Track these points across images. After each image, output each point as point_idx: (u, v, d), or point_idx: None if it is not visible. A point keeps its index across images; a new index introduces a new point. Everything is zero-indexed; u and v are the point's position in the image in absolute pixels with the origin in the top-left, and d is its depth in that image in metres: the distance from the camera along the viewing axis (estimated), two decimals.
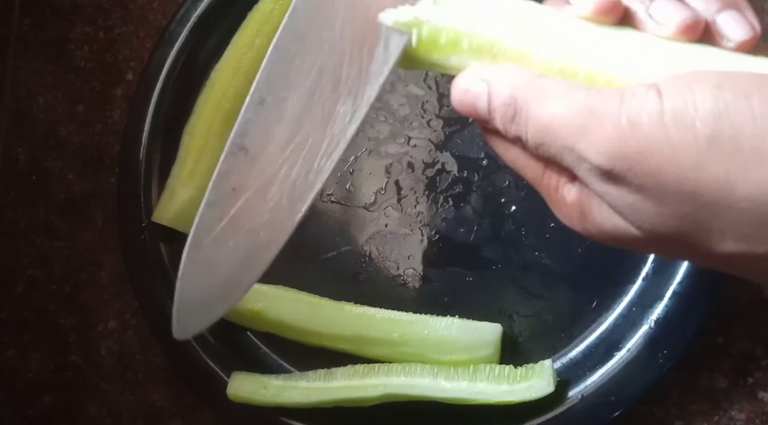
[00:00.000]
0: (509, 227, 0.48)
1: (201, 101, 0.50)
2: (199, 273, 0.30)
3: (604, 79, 0.29)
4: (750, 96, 0.25)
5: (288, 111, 0.30)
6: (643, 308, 0.46)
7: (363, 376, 0.46)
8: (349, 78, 0.30)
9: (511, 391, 0.44)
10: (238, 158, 0.30)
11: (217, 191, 0.30)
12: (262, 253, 0.30)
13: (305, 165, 0.30)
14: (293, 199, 0.30)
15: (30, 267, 0.53)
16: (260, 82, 0.30)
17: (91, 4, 0.54)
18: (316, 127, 0.30)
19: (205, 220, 0.30)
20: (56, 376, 0.52)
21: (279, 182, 0.30)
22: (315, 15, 0.30)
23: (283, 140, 0.30)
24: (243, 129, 0.30)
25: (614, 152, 0.27)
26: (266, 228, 0.30)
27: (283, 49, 0.30)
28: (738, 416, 0.47)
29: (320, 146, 0.30)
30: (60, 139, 0.54)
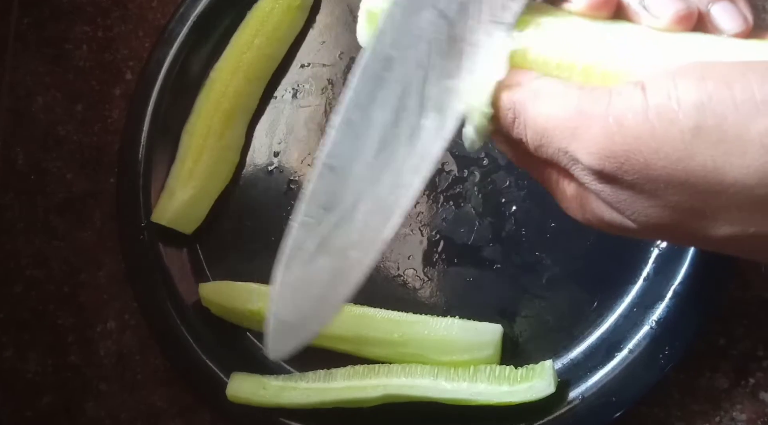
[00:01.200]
0: (509, 227, 0.48)
1: (200, 101, 0.50)
2: (292, 292, 0.30)
3: (600, 73, 0.30)
4: (732, 84, 0.25)
5: (374, 129, 0.30)
6: (644, 308, 0.46)
7: (363, 377, 0.46)
8: (435, 95, 0.30)
9: (512, 392, 0.44)
10: (326, 177, 0.30)
11: (307, 211, 0.30)
12: (352, 272, 0.30)
13: (393, 182, 0.30)
14: (382, 217, 0.30)
15: (29, 267, 0.53)
16: (348, 103, 0.30)
17: (90, 4, 0.54)
18: (403, 143, 0.30)
19: (296, 240, 0.30)
20: (55, 376, 0.52)
21: (367, 200, 0.30)
22: (401, 34, 0.30)
23: (370, 157, 0.30)
24: (330, 149, 0.30)
25: (602, 152, 0.27)
26: (356, 247, 0.30)
27: (370, 68, 0.30)
28: (739, 417, 0.47)
29: (407, 162, 0.30)
30: (59, 139, 0.54)
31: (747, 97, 0.25)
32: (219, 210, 0.50)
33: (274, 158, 0.51)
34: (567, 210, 0.33)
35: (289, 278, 0.30)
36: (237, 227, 0.51)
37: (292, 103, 0.51)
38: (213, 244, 0.51)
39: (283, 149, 0.51)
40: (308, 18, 0.51)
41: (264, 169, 0.51)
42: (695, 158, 0.26)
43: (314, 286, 0.30)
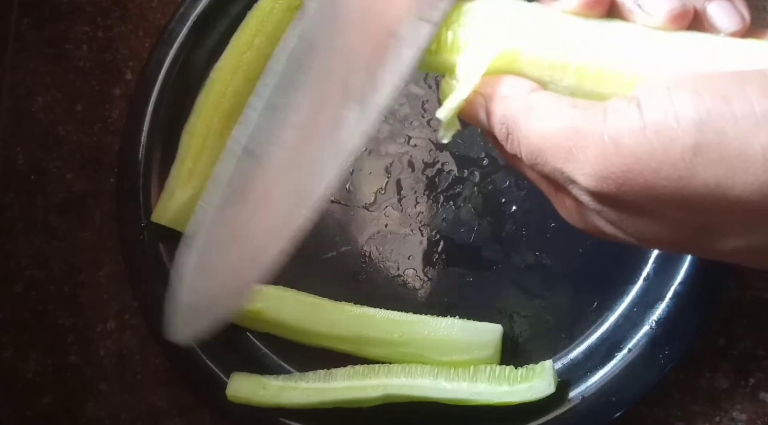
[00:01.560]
0: (509, 227, 0.48)
1: (200, 101, 0.50)
2: (198, 276, 0.30)
3: (595, 73, 0.29)
4: (730, 99, 0.25)
5: (296, 116, 0.30)
6: (644, 308, 0.46)
7: (363, 377, 0.46)
8: (359, 85, 0.30)
9: (512, 392, 0.44)
10: (243, 161, 0.30)
11: (218, 194, 0.30)
12: (261, 258, 0.29)
13: (311, 171, 0.29)
14: (295, 205, 0.29)
15: (29, 267, 0.53)
16: (267, 87, 0.30)
17: (90, 4, 0.54)
18: (324, 133, 0.29)
19: (206, 222, 0.30)
20: (55, 376, 0.52)
21: (282, 188, 0.29)
22: (327, 21, 0.30)
23: (290, 144, 0.29)
24: (252, 133, 0.30)
25: (600, 173, 0.27)
26: (267, 233, 0.29)
27: (297, 53, 0.30)
28: (739, 417, 0.47)
29: (326, 152, 0.29)
30: (59, 138, 0.54)
31: (746, 111, 0.24)
32: None
33: None
34: (567, 219, 0.32)
35: (196, 261, 0.30)
36: None
37: None
38: None
39: None
40: None
41: None
42: (697, 177, 0.25)
43: (222, 270, 0.30)
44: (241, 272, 0.30)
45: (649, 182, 0.26)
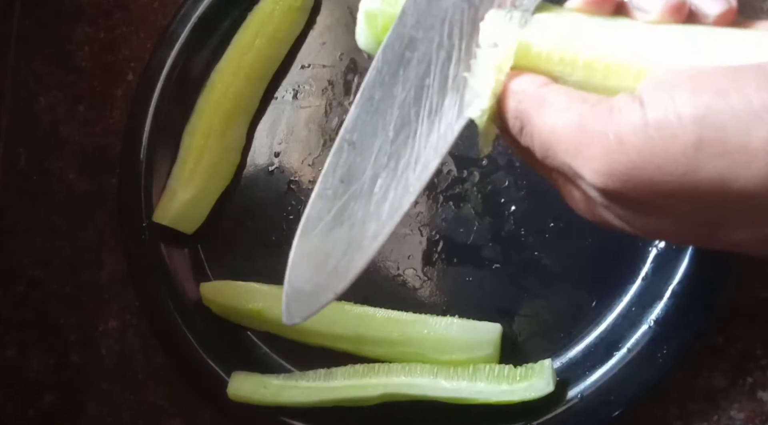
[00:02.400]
0: (509, 227, 0.48)
1: (201, 101, 0.50)
2: (308, 261, 0.31)
3: (602, 66, 0.30)
4: (727, 93, 0.25)
5: (395, 107, 0.31)
6: (643, 307, 0.46)
7: (363, 376, 0.46)
8: (457, 75, 0.31)
9: (511, 391, 0.44)
10: (345, 151, 0.31)
11: (325, 183, 0.31)
12: (367, 243, 0.31)
13: (412, 159, 0.31)
14: (399, 191, 0.31)
15: (31, 267, 0.53)
16: (369, 81, 0.31)
17: (92, 5, 0.54)
18: (423, 122, 0.31)
19: (314, 210, 0.31)
20: (57, 376, 0.52)
21: (385, 175, 0.31)
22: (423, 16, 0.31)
23: (391, 134, 0.31)
24: (351, 125, 0.31)
25: (605, 170, 0.27)
26: (372, 219, 0.31)
27: (392, 47, 0.31)
28: (737, 416, 0.47)
29: (427, 140, 0.31)
30: (61, 139, 0.54)
31: (744, 105, 0.25)
32: (220, 210, 0.51)
33: (274, 158, 0.51)
34: (575, 210, 0.33)
35: (306, 248, 0.31)
36: (238, 227, 0.51)
37: (292, 104, 0.52)
38: (214, 244, 0.51)
39: (284, 149, 0.51)
40: (309, 19, 0.52)
41: (265, 169, 0.51)
42: (700, 172, 0.26)
43: (330, 256, 0.31)
44: (345, 257, 0.31)
45: (653, 179, 0.26)
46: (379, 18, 0.33)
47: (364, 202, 0.31)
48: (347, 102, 0.51)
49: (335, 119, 0.51)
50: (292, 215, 0.50)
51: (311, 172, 0.51)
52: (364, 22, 0.33)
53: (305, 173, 0.51)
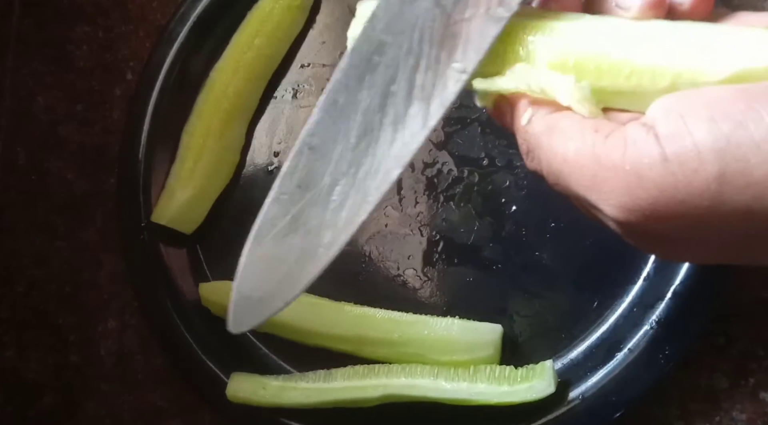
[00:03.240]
0: (509, 227, 0.48)
1: (200, 101, 0.50)
2: (259, 268, 0.30)
3: (594, 66, 0.29)
4: (745, 123, 0.25)
5: (359, 113, 0.30)
6: (644, 308, 0.46)
7: (363, 377, 0.46)
8: (424, 84, 0.30)
9: (512, 392, 0.44)
10: (305, 156, 0.30)
11: (282, 188, 0.30)
12: (322, 252, 0.30)
13: (373, 167, 0.30)
14: (358, 201, 0.30)
15: (30, 267, 0.53)
16: (335, 84, 0.30)
17: (91, 4, 0.54)
18: (387, 129, 0.30)
19: (268, 215, 0.30)
20: (56, 376, 0.52)
21: (345, 182, 0.30)
22: (394, 20, 0.30)
23: (352, 140, 0.30)
24: (313, 128, 0.30)
25: (625, 205, 0.27)
26: (328, 228, 0.30)
27: (360, 51, 0.30)
28: (739, 416, 0.47)
29: (389, 148, 0.30)
30: (59, 139, 0.54)
31: (764, 135, 0.24)
32: (219, 210, 0.51)
33: (274, 158, 0.51)
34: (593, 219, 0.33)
35: (258, 254, 0.30)
36: (237, 227, 0.51)
37: (292, 104, 0.51)
38: (213, 244, 0.51)
39: (283, 149, 0.51)
40: (308, 18, 0.51)
41: (264, 169, 0.51)
42: (725, 204, 0.25)
43: (282, 263, 0.30)
44: (298, 265, 0.30)
45: (676, 213, 0.26)
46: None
47: (320, 209, 0.30)
48: None
49: None
50: None
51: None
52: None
53: None
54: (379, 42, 0.30)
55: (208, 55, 0.50)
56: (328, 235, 0.30)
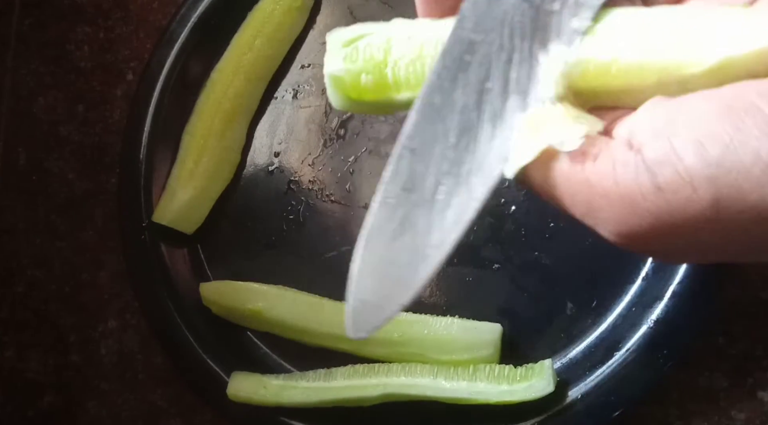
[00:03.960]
0: (509, 227, 0.48)
1: (201, 101, 0.50)
2: (372, 273, 0.30)
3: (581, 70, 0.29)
4: (733, 147, 0.24)
5: (456, 112, 0.30)
6: (643, 308, 0.46)
7: (363, 376, 0.46)
8: (519, 77, 0.30)
9: (511, 391, 0.44)
10: (406, 159, 0.30)
11: (388, 192, 0.30)
12: (433, 252, 0.29)
13: (475, 164, 0.29)
14: (463, 198, 0.29)
15: (30, 267, 0.53)
16: (429, 86, 0.30)
17: (91, 5, 0.54)
18: (485, 126, 0.30)
19: (377, 220, 0.30)
20: (56, 376, 0.52)
21: (448, 182, 0.29)
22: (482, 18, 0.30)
23: (452, 139, 0.30)
24: (411, 131, 0.30)
25: (622, 232, 0.27)
26: (437, 228, 0.29)
27: (451, 52, 0.30)
28: (738, 416, 0.47)
29: (489, 144, 0.29)
30: (60, 139, 0.54)
31: (753, 158, 0.24)
32: (220, 210, 0.51)
33: (274, 158, 0.51)
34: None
35: (370, 258, 0.30)
36: (238, 227, 0.51)
37: (292, 104, 0.51)
38: (214, 244, 0.51)
39: (284, 149, 0.51)
40: (309, 19, 0.52)
41: (264, 169, 0.51)
42: (721, 224, 0.25)
43: (394, 266, 0.30)
44: (410, 267, 0.30)
45: (673, 235, 0.26)
46: (345, 77, 0.32)
47: (426, 210, 0.29)
48: None
49: (335, 119, 0.51)
50: (292, 215, 0.50)
51: (311, 172, 0.51)
52: (331, 85, 0.32)
53: (305, 173, 0.51)
54: (470, 41, 0.30)
55: (208, 56, 0.51)
56: (436, 235, 0.29)
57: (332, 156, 0.50)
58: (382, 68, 0.32)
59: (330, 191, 0.50)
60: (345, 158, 0.50)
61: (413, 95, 0.31)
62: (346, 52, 0.32)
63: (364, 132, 0.50)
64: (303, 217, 0.50)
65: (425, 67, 0.31)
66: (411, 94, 0.32)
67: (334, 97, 0.33)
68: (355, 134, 0.50)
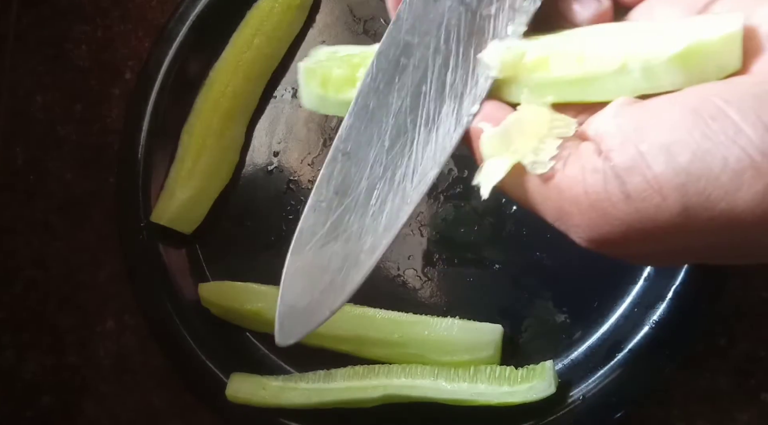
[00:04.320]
0: (510, 227, 0.48)
1: (199, 100, 0.50)
2: (301, 278, 0.30)
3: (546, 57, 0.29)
4: (701, 154, 0.24)
5: (391, 115, 0.30)
6: (645, 308, 0.46)
7: (363, 377, 0.46)
8: (455, 82, 0.30)
9: (512, 392, 0.44)
10: (339, 162, 0.30)
11: (319, 195, 0.30)
12: (365, 257, 0.30)
13: (409, 169, 0.30)
14: (397, 203, 0.30)
15: (28, 267, 0.53)
16: (363, 88, 0.30)
17: (90, 3, 0.54)
18: (420, 130, 0.30)
19: (307, 224, 0.30)
20: (54, 377, 0.52)
21: (382, 186, 0.30)
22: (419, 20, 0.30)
23: (387, 143, 0.30)
24: (345, 134, 0.30)
25: (592, 238, 0.27)
26: (369, 232, 0.30)
27: (387, 54, 0.30)
28: (740, 417, 0.47)
29: (424, 149, 0.30)
30: (58, 138, 0.54)
31: (721, 166, 0.24)
32: (218, 210, 0.50)
33: (273, 157, 0.51)
34: None
35: (300, 263, 0.30)
36: (237, 227, 0.51)
37: (291, 103, 0.51)
38: (212, 244, 0.51)
39: (283, 148, 0.51)
40: (308, 17, 0.51)
41: (264, 169, 0.51)
42: (692, 233, 0.25)
43: (325, 271, 0.30)
44: (342, 272, 0.30)
45: (644, 240, 0.26)
46: (318, 70, 0.32)
47: (359, 214, 0.30)
48: None
49: (334, 118, 0.50)
50: (291, 214, 0.50)
51: (310, 171, 0.50)
52: (305, 80, 0.33)
53: (304, 173, 0.50)
54: (406, 44, 0.30)
55: (207, 55, 0.50)
56: (369, 240, 0.29)
57: None
58: (356, 67, 0.32)
59: None
60: None
61: None
62: (325, 57, 0.33)
63: None
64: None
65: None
66: None
67: (304, 91, 0.33)
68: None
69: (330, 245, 0.30)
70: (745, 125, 0.24)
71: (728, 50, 0.26)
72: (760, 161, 0.24)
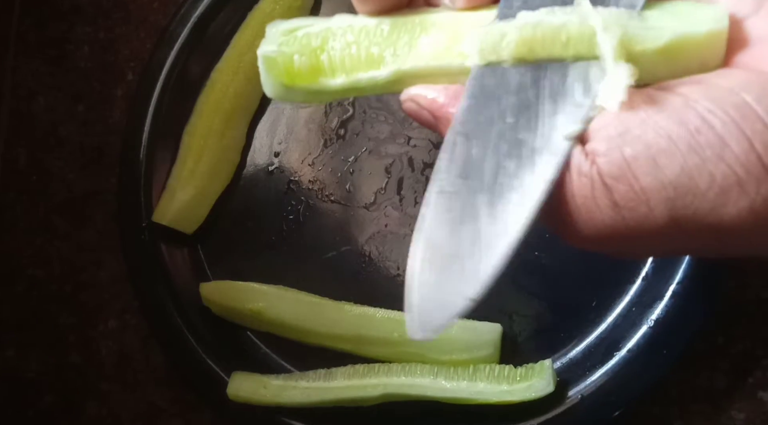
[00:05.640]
0: None
1: (201, 101, 0.50)
2: (434, 267, 0.28)
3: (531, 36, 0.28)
4: (688, 169, 0.24)
5: (511, 93, 0.28)
6: (643, 307, 0.46)
7: (363, 376, 0.46)
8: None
9: (511, 391, 0.44)
10: (459, 145, 0.28)
11: (443, 182, 0.28)
12: (498, 240, 0.27)
13: (538, 142, 0.27)
14: (527, 179, 0.27)
15: (30, 267, 0.53)
16: (478, 71, 0.29)
17: (91, 4, 0.54)
18: (545, 102, 0.28)
19: (435, 212, 0.28)
20: (56, 376, 0.52)
21: (509, 164, 0.27)
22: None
23: (510, 119, 0.28)
24: (463, 116, 0.28)
25: (580, 241, 0.27)
26: (499, 217, 0.27)
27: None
28: (738, 416, 0.47)
29: (552, 120, 0.27)
30: (60, 139, 0.54)
31: (708, 182, 0.24)
32: (220, 210, 0.51)
33: (274, 158, 0.51)
34: None
35: (430, 253, 0.28)
36: (238, 227, 0.51)
37: (292, 104, 0.51)
38: (214, 244, 0.51)
39: (284, 149, 0.51)
40: None
41: (265, 169, 0.51)
42: (679, 239, 0.26)
43: (456, 259, 0.27)
44: (478, 258, 0.27)
45: (632, 246, 0.27)
46: (278, 59, 0.31)
47: (487, 196, 0.27)
48: (347, 102, 0.51)
49: (335, 119, 0.51)
50: (291, 215, 0.50)
51: (311, 172, 0.51)
52: (264, 68, 0.31)
53: (305, 173, 0.51)
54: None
55: (208, 56, 0.51)
56: (498, 227, 0.27)
57: (332, 156, 0.50)
58: (318, 53, 0.31)
59: (330, 191, 0.50)
60: (345, 158, 0.50)
61: (347, 79, 0.31)
62: (282, 39, 0.31)
63: (364, 132, 0.50)
64: (303, 217, 0.50)
65: (362, 51, 0.30)
66: (345, 78, 0.31)
67: (267, 81, 0.31)
68: (355, 134, 0.50)
69: (460, 231, 0.27)
70: (731, 140, 0.24)
71: (713, 47, 0.27)
72: (746, 178, 0.24)
